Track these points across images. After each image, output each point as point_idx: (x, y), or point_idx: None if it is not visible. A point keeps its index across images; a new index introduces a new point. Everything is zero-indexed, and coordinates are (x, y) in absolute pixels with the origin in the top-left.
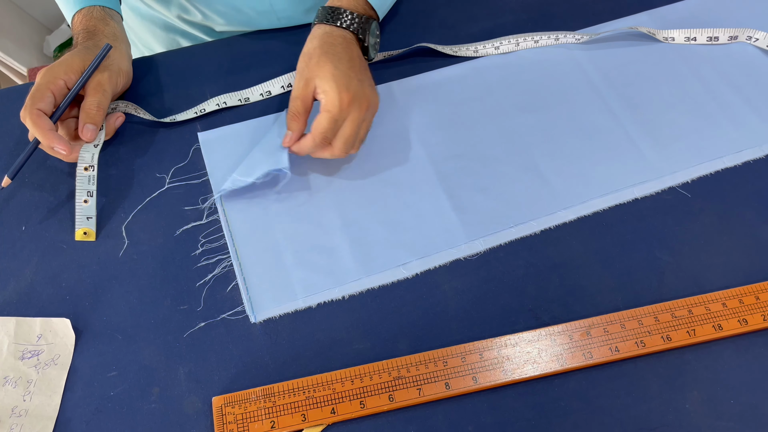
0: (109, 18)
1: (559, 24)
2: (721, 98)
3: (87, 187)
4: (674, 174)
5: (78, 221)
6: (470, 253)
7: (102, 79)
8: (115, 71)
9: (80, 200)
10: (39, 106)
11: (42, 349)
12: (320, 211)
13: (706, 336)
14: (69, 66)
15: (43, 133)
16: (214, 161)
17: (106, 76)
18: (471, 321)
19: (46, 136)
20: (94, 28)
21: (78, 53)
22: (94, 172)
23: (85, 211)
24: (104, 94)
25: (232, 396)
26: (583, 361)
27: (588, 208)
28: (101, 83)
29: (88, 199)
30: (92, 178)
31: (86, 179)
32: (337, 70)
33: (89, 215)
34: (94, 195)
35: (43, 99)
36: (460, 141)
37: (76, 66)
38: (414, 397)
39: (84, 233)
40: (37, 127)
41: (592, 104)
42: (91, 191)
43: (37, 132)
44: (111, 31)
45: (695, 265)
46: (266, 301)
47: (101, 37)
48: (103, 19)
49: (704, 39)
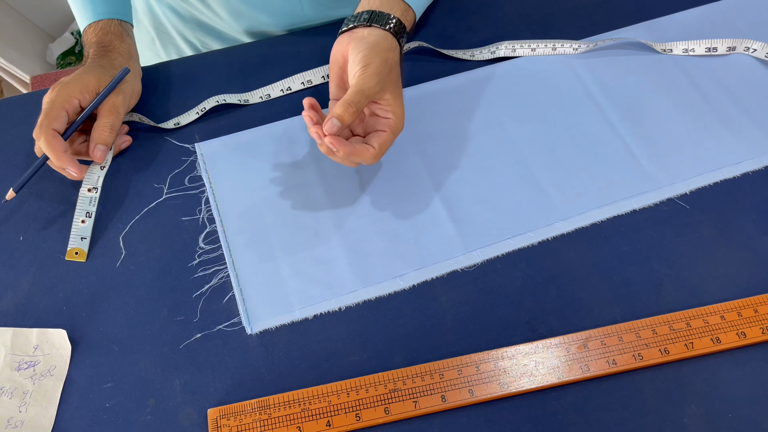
0: (125, 34)
1: (557, 35)
2: (720, 109)
3: (87, 207)
4: (673, 185)
5: (72, 240)
6: (468, 264)
7: (117, 102)
8: (129, 93)
9: (78, 220)
10: (54, 126)
11: (38, 360)
12: (317, 222)
13: (705, 349)
14: (84, 86)
15: (57, 155)
16: (214, 171)
17: (120, 99)
18: (468, 333)
19: (60, 158)
20: (110, 44)
21: (92, 71)
22: (97, 194)
23: (81, 232)
24: (117, 116)
25: (228, 408)
26: (581, 374)
27: (586, 220)
28: (116, 105)
29: (85, 219)
30: (94, 200)
31: (87, 200)
32: (402, 95)
33: (84, 236)
34: (92, 216)
35: (57, 118)
36: (458, 152)
37: (92, 86)
38: (410, 409)
39: (75, 253)
40: (52, 149)
41: (590, 115)
42: (90, 212)
43: (52, 153)
44: (126, 49)
45: (693, 277)
46: (263, 312)
47: (116, 55)
48: (119, 36)
49: (702, 50)
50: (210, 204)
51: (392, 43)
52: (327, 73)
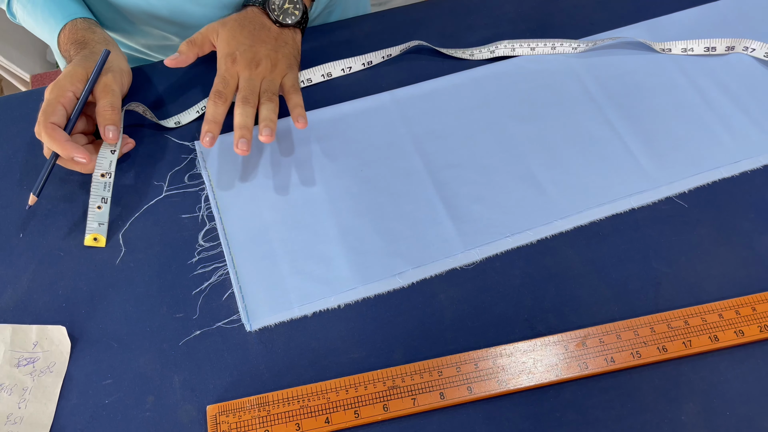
0: (94, 25)
1: (557, 34)
2: (719, 108)
3: (102, 193)
4: (671, 184)
5: (89, 227)
6: (466, 262)
7: (108, 81)
8: (118, 71)
9: (94, 206)
10: (52, 120)
11: (38, 357)
12: (316, 219)
13: (703, 347)
14: (74, 77)
15: (60, 145)
16: (213, 169)
17: (110, 77)
18: (466, 330)
19: (64, 147)
20: (83, 38)
21: (79, 63)
22: (111, 179)
23: (98, 217)
24: (113, 94)
25: (227, 405)
26: (579, 371)
27: (584, 218)
28: (108, 84)
29: (102, 205)
30: (108, 185)
31: (102, 185)
32: (234, 40)
33: (101, 221)
34: (108, 202)
35: (55, 113)
36: (457, 150)
37: (80, 75)
38: (409, 407)
39: (94, 239)
40: (54, 140)
41: (589, 114)
42: (106, 198)
43: (55, 145)
44: (101, 37)
45: (692, 275)
46: (262, 309)
47: (93, 45)
48: (89, 29)
49: (701, 49)
50: (210, 201)
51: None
52: (328, 71)
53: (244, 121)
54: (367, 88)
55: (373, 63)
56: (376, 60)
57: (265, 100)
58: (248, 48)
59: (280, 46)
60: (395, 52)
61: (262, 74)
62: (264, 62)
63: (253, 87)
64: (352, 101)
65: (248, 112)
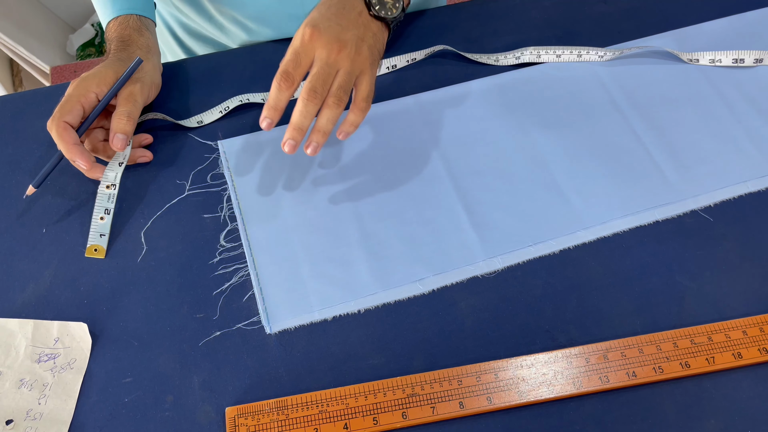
0: (144, 28)
1: (583, 42)
2: (746, 121)
3: (105, 204)
4: (696, 197)
5: (91, 237)
6: (488, 270)
7: (134, 90)
8: (147, 83)
9: (96, 217)
10: (66, 118)
11: (58, 353)
12: (338, 223)
13: (726, 364)
14: (102, 79)
15: (66, 146)
16: (236, 169)
17: (138, 87)
18: (487, 340)
19: (69, 150)
20: (129, 38)
21: (111, 65)
22: (115, 191)
23: (100, 228)
24: (135, 104)
25: (246, 407)
26: (600, 385)
27: (608, 229)
28: (133, 94)
29: (104, 216)
30: (112, 197)
31: (106, 197)
32: (317, 13)
33: (103, 233)
34: (110, 213)
35: (71, 111)
36: (481, 157)
37: (110, 79)
38: (428, 415)
39: (95, 250)
40: (62, 140)
41: (614, 124)
42: (109, 209)
43: (62, 145)
44: (145, 42)
45: (716, 291)
46: (282, 312)
47: (135, 48)
48: (138, 30)
49: (729, 61)
50: (231, 202)
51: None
52: None
53: (301, 122)
54: (392, 91)
55: (397, 67)
56: (401, 64)
57: (331, 103)
58: (335, 24)
59: (368, 36)
60: (420, 56)
61: (343, 62)
62: (350, 46)
63: (326, 77)
64: (376, 104)
65: (310, 112)
